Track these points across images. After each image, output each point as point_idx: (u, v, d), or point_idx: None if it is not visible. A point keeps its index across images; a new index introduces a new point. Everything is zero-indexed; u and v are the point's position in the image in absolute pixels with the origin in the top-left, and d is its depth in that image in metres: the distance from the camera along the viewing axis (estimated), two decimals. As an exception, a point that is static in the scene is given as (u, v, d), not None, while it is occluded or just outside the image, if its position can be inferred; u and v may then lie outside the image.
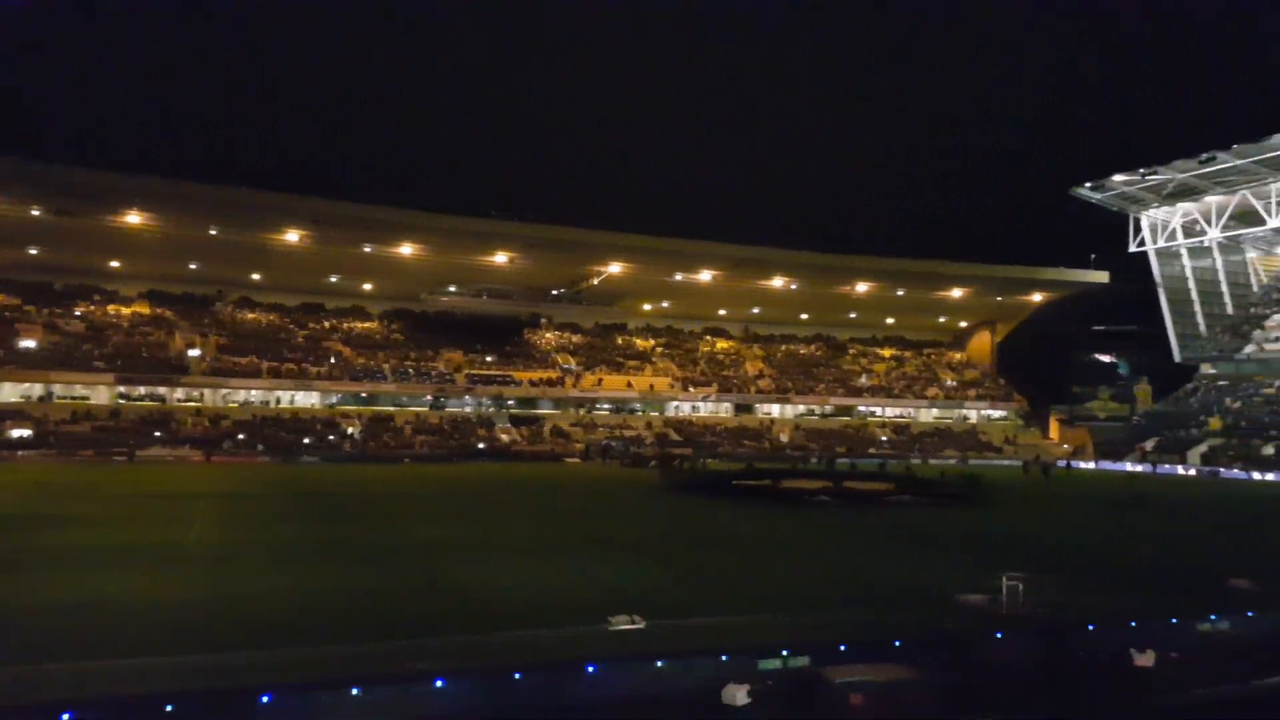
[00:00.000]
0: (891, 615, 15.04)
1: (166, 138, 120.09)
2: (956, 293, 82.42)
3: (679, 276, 75.32)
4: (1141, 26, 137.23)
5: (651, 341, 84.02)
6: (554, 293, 78.00)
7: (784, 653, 12.28)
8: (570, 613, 14.33)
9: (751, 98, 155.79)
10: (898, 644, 13.02)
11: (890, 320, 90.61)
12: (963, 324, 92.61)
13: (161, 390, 62.09)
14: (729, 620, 14.25)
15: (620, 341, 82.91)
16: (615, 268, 72.40)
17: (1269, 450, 58.25)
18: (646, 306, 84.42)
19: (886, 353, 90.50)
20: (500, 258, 69.46)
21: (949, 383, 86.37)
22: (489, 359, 73.85)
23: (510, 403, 71.36)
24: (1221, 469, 57.86)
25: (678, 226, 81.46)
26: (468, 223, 65.93)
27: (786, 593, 17.17)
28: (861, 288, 79.97)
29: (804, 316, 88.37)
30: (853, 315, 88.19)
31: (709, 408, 77.66)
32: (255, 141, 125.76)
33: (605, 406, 74.69)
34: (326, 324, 74.34)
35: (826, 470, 50.55)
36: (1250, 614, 15.65)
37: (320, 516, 27.98)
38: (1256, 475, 54.91)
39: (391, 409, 67.33)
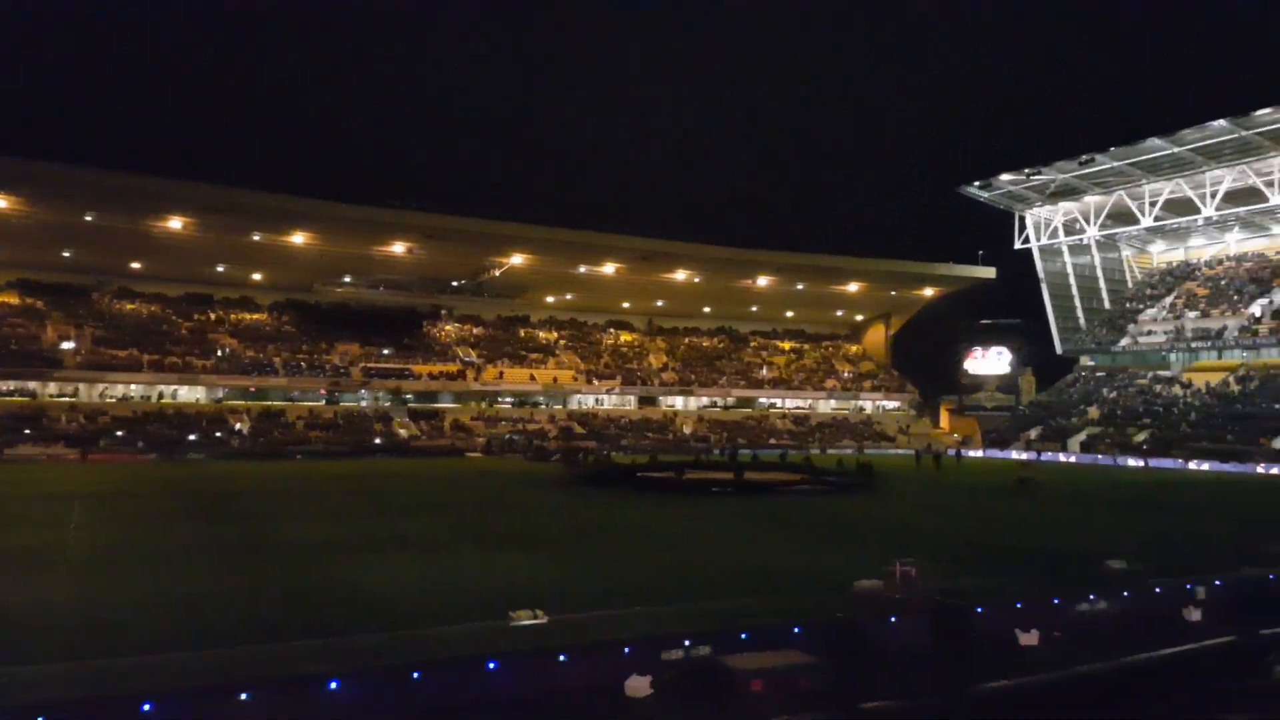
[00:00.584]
0: (791, 603, 15.23)
1: (39, 116, 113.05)
2: (854, 287, 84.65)
3: (583, 269, 75.15)
4: (1039, 27, 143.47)
5: (555, 334, 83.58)
6: (455, 284, 76.66)
7: (686, 643, 12.30)
8: (471, 609, 14.01)
9: (654, 92, 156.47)
10: (797, 630, 13.22)
11: (790, 313, 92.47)
12: (859, 317, 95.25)
13: (32, 385, 58.54)
14: (632, 611, 14.15)
15: (523, 334, 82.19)
16: (518, 259, 71.65)
17: (1141, 437, 61.67)
18: (550, 299, 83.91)
19: (787, 345, 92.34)
20: (398, 248, 67.87)
21: (846, 374, 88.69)
22: (386, 352, 72.12)
23: (409, 397, 69.88)
24: (1099, 456, 60.98)
25: (582, 219, 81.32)
26: (363, 211, 63.90)
27: (690, 583, 17.18)
28: (763, 281, 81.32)
29: (707, 310, 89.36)
30: (754, 308, 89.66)
31: (613, 400, 77.81)
32: (138, 124, 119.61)
33: (508, 400, 73.92)
34: (213, 316, 71.25)
35: (729, 461, 51.22)
36: (1125, 593, 16.49)
37: (203, 515, 26.69)
38: (1130, 461, 58.08)
39: (283, 404, 65.04)
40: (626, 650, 11.98)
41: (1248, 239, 79.89)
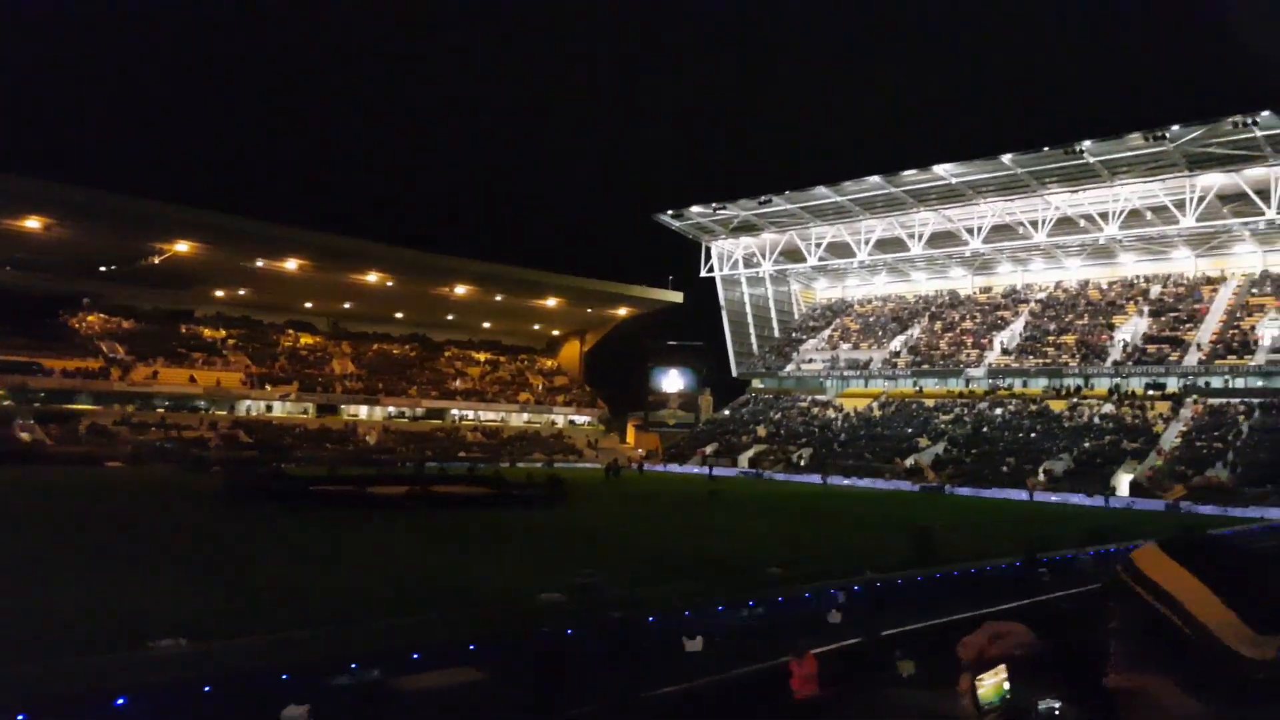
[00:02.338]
0: (470, 618, 14.78)
1: None
2: (552, 302, 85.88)
3: (260, 263, 69.27)
4: (727, 73, 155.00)
5: (223, 332, 76.14)
6: (103, 269, 67.46)
7: (353, 666, 11.44)
8: (101, 640, 11.90)
9: (366, 88, 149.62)
10: (473, 647, 12.84)
11: (488, 324, 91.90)
12: (556, 332, 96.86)
13: None
14: (294, 635, 12.86)
15: (185, 330, 74.01)
16: (183, 246, 64.50)
17: (801, 455, 67.96)
18: (219, 293, 76.51)
19: (482, 356, 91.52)
20: (32, 223, 58.28)
21: (540, 388, 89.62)
22: (11, 342, 61.51)
23: (42, 395, 60.24)
24: (764, 471, 66.29)
25: (261, 209, 75.06)
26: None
27: (365, 603, 15.98)
28: (461, 290, 79.99)
29: (399, 315, 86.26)
30: (451, 317, 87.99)
31: (287, 407, 72.33)
32: None
33: (163, 403, 66.18)
34: None
35: (415, 474, 49.41)
36: (780, 600, 17.61)
37: None
38: (791, 477, 63.68)
39: None
40: (285, 677, 10.95)
41: (892, 282, 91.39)
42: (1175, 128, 54.69)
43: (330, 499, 36.38)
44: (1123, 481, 51.27)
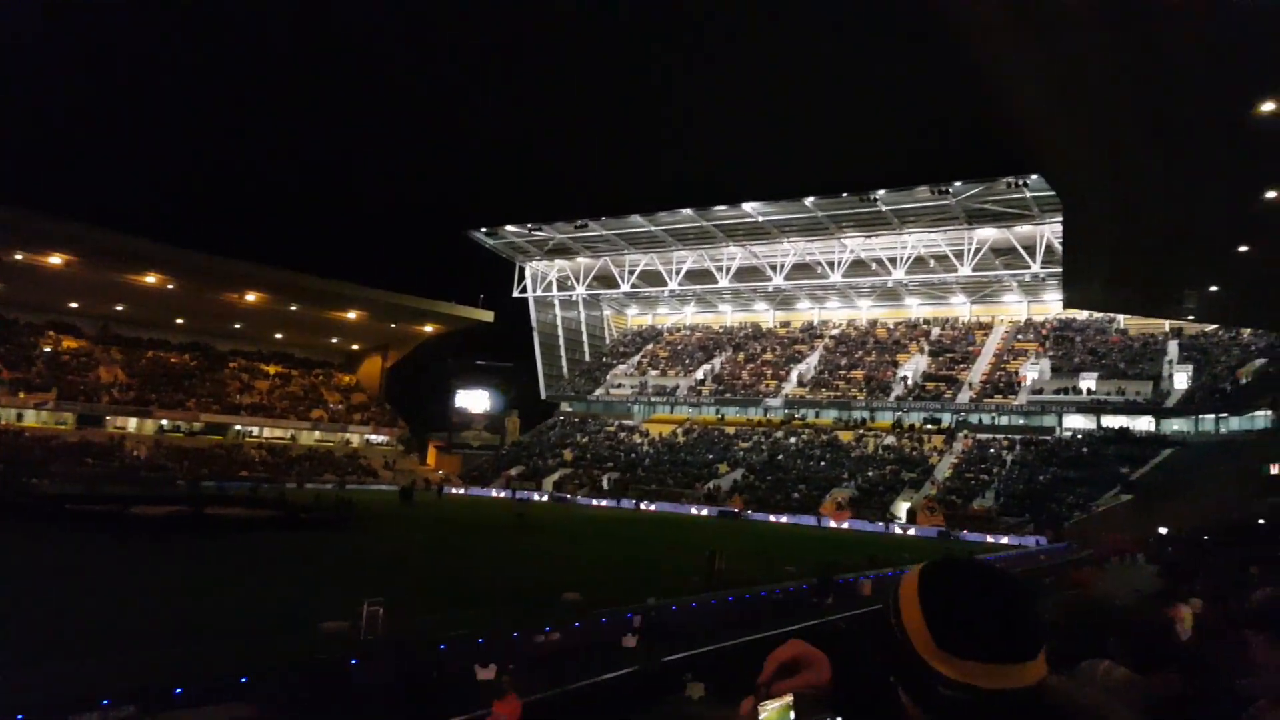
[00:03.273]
0: (243, 649, 13.61)
1: None
2: (353, 315, 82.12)
3: (19, 256, 62.02)
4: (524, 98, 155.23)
5: (-32, 332, 67.61)
6: None
7: (104, 703, 10.38)
8: None
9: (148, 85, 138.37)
10: (245, 680, 11.89)
11: (280, 335, 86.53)
12: (356, 347, 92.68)
13: None
14: (34, 670, 11.31)
15: (-83, 329, 65.14)
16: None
17: (607, 480, 68.26)
18: (-36, 288, 67.88)
19: (272, 369, 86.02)
20: None
21: (335, 405, 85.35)
22: None
23: None
24: (568, 495, 66.06)
25: (24, 199, 67.44)
26: None
27: (124, 634, 14.31)
28: (251, 298, 74.94)
29: (180, 321, 79.57)
30: (239, 326, 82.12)
31: (43, 417, 64.97)
32: None
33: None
34: None
35: (189, 493, 45.64)
36: (577, 624, 17.30)
37: None
38: (596, 501, 63.75)
39: None
40: (20, 718, 9.97)
41: (701, 313, 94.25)
42: (958, 184, 59.93)
43: (88, 519, 32.82)
44: (901, 509, 54.86)
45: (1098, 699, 1.43)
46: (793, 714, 1.41)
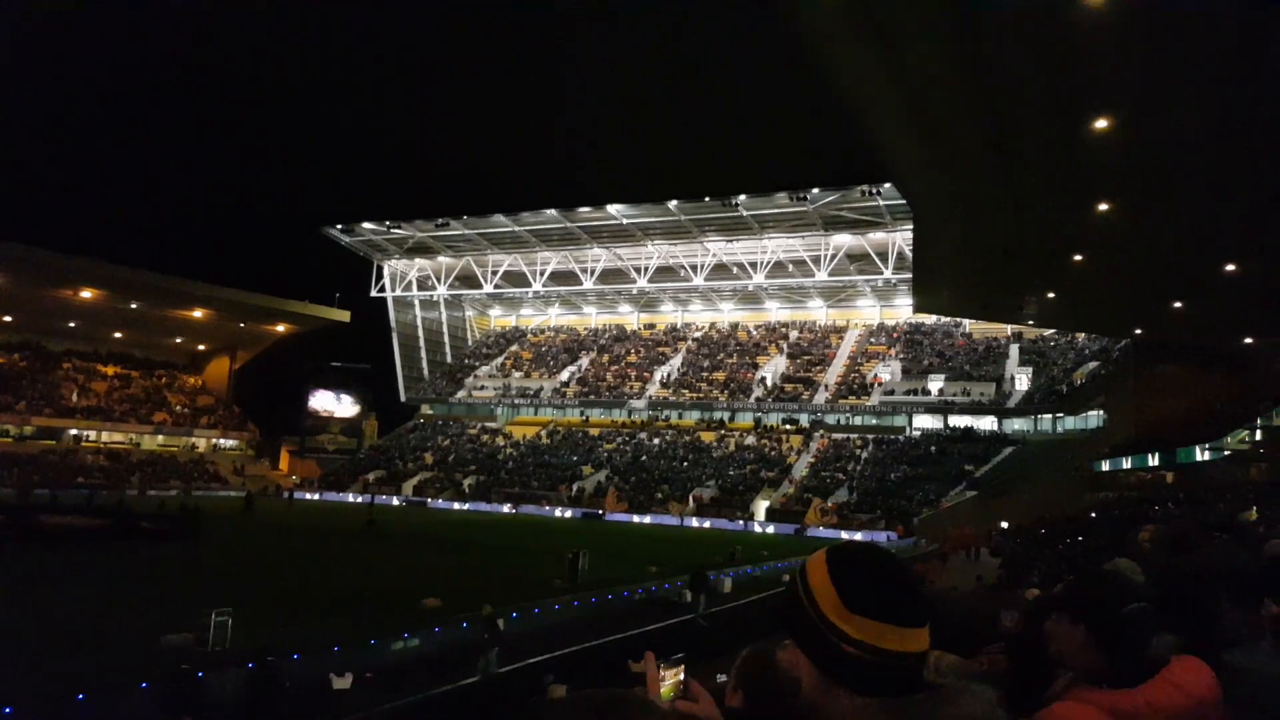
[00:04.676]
0: (77, 667, 12.79)
1: None
2: (198, 314, 77.86)
3: None
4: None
5: None
6: None
7: None
8: None
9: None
10: (81, 698, 11.30)
11: (119, 335, 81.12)
12: (202, 347, 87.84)
13: None
14: None
15: None
16: None
17: (469, 483, 67.22)
18: None
19: (110, 370, 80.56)
20: None
21: (179, 408, 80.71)
22: None
23: None
24: (429, 499, 64.67)
25: None
26: None
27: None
28: (86, 294, 69.98)
29: (8, 319, 73.50)
30: (73, 325, 76.51)
31: None
32: None
33: None
34: None
35: (17, 501, 42.31)
36: (437, 629, 17.06)
37: None
38: (456, 505, 62.64)
39: None
40: None
41: (565, 314, 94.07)
42: (815, 191, 62.15)
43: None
44: (760, 507, 56.48)
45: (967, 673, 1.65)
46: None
